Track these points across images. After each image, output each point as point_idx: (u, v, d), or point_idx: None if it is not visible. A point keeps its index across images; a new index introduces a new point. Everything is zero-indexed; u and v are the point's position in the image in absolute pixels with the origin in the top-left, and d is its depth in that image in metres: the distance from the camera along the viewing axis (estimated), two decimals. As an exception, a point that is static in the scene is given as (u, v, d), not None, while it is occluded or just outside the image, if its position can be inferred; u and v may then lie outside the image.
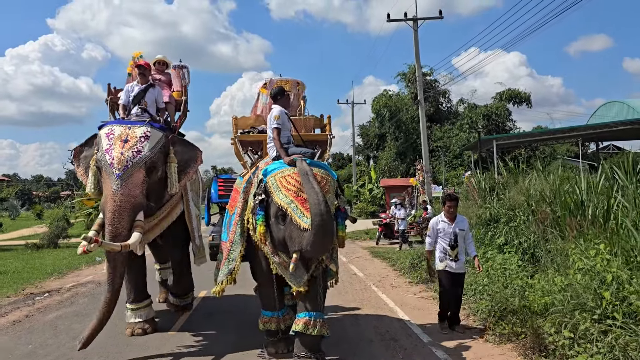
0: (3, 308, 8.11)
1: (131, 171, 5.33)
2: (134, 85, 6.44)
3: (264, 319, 5.24)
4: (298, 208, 4.43)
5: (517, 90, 39.87)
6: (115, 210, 5.16)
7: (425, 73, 37.95)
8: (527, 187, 9.96)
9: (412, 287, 8.86)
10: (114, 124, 5.76)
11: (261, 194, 4.70)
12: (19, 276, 11.50)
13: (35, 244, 18.00)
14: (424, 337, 5.71)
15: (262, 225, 4.63)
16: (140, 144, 5.49)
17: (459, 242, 5.80)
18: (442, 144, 37.20)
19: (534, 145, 34.23)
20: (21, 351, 5.67)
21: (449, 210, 5.88)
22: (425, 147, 19.44)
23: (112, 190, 5.22)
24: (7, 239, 21.64)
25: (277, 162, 4.95)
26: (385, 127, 39.06)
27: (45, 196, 69.06)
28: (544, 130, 34.63)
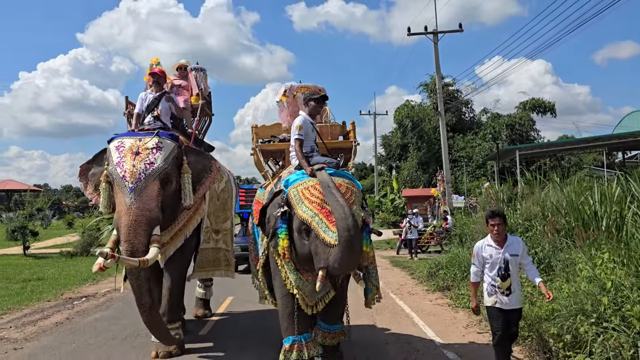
0: (45, 311, 8.72)
1: (145, 183, 5.10)
2: (148, 94, 6.29)
3: (285, 347, 4.71)
4: (323, 221, 4.11)
5: (541, 99, 39.72)
6: (131, 225, 4.90)
7: (447, 83, 38.19)
8: (543, 198, 10.19)
9: (428, 294, 9.19)
10: (124, 137, 5.55)
11: (283, 206, 4.39)
12: (56, 282, 12.20)
13: (69, 252, 18.85)
14: (437, 340, 6.06)
15: (285, 240, 4.35)
16: (152, 155, 5.27)
17: (512, 270, 4.45)
18: (465, 154, 37.21)
19: (559, 155, 34.02)
20: (65, 350, 6.20)
21: (495, 231, 4.50)
22: (446, 158, 19.69)
23: (126, 204, 4.97)
24: (42, 247, 22.56)
25: (299, 172, 4.65)
26: (407, 138, 39.30)
27: (74, 206, 70.84)
28: (568, 140, 34.44)
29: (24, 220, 19.47)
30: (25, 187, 60.12)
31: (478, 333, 6.32)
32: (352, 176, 4.88)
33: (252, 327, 7.25)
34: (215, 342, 6.48)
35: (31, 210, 21.64)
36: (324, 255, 4.05)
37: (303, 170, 4.64)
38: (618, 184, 9.31)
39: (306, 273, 4.55)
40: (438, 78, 20.34)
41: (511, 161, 31.14)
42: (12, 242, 21.84)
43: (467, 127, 40.14)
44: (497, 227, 4.47)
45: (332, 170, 4.52)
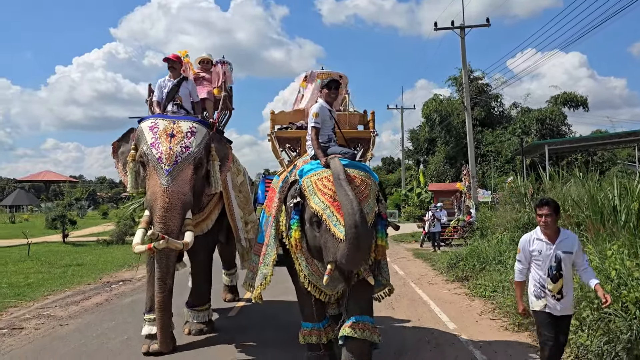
0: (86, 293, 9.37)
1: (181, 167, 5.11)
2: (167, 81, 6.12)
3: (304, 331, 4.86)
4: (334, 215, 4.01)
5: (573, 93, 38.98)
6: (168, 207, 4.94)
7: (477, 77, 37.90)
8: (564, 192, 10.33)
9: (447, 284, 9.49)
10: (157, 117, 5.51)
11: (296, 196, 4.33)
12: (95, 267, 12.93)
13: (105, 240, 19.75)
14: (451, 325, 6.39)
15: (297, 231, 4.30)
16: (187, 139, 5.27)
17: (564, 270, 3.88)
18: (494, 148, 36.90)
19: (591, 150, 33.40)
20: (107, 326, 6.77)
21: (542, 222, 3.94)
22: (472, 152, 19.78)
23: (163, 186, 4.99)
24: (80, 235, 23.58)
25: (315, 162, 4.53)
26: (435, 132, 39.21)
27: (108, 197, 72.96)
28: (599, 134, 33.78)
29: (63, 210, 20.45)
30: (63, 178, 62.56)
31: (491, 319, 6.61)
32: (368, 168, 4.71)
33: (278, 309, 7.67)
34: (242, 322, 6.98)
35: (70, 200, 22.66)
36: (332, 249, 3.96)
37: (318, 160, 4.50)
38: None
39: (317, 269, 4.46)
40: (465, 73, 20.38)
41: (541, 156, 30.78)
42: (51, 230, 22.99)
43: (497, 121, 39.71)
44: (546, 218, 3.89)
45: (347, 161, 4.36)
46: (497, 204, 15.58)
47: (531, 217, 10.47)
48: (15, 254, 15.82)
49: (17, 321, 7.11)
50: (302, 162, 4.85)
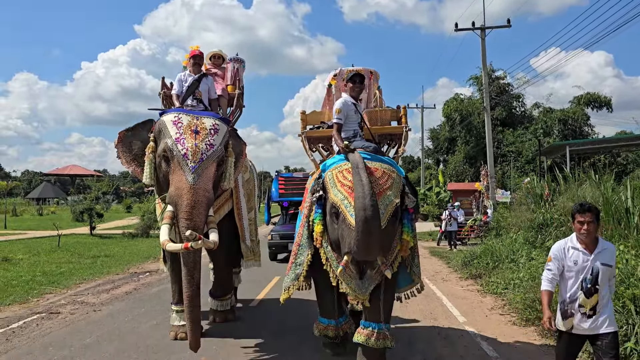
0: (115, 282, 9.88)
1: (206, 164, 5.12)
2: (187, 75, 6.20)
3: (320, 325, 4.93)
4: (351, 205, 3.98)
5: (596, 94, 38.53)
6: (194, 205, 4.93)
7: (498, 77, 37.76)
8: (578, 194, 10.48)
9: (461, 281, 9.75)
10: (180, 112, 5.47)
11: (319, 190, 4.36)
12: (122, 259, 13.51)
13: (130, 233, 20.42)
14: (460, 319, 6.68)
15: (319, 224, 4.29)
16: (211, 136, 5.27)
17: (601, 285, 3.46)
18: (514, 148, 36.73)
19: (614, 152, 32.98)
20: (137, 312, 7.23)
21: (583, 230, 3.50)
22: (491, 153, 19.89)
23: (189, 183, 4.97)
24: (105, 228, 24.33)
25: (337, 156, 4.56)
26: (455, 131, 39.17)
27: (131, 191, 74.26)
28: (622, 136, 33.34)
29: (91, 203, 21.18)
30: (88, 173, 64.11)
31: (500, 315, 6.88)
32: (393, 162, 4.64)
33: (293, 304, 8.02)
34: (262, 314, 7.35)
35: (97, 193, 23.41)
36: (348, 239, 3.93)
37: (341, 154, 4.49)
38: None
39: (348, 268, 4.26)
40: (485, 74, 20.49)
41: (562, 157, 30.56)
42: (78, 223, 23.77)
43: (518, 121, 39.46)
44: (588, 226, 3.46)
45: (368, 154, 4.36)
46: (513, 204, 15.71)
47: (546, 217, 10.63)
48: (46, 245, 16.53)
49: (53, 306, 7.62)
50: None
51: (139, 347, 5.48)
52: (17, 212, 36.91)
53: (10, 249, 15.21)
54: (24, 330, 6.22)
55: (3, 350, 5.39)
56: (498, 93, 37.16)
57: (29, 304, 7.88)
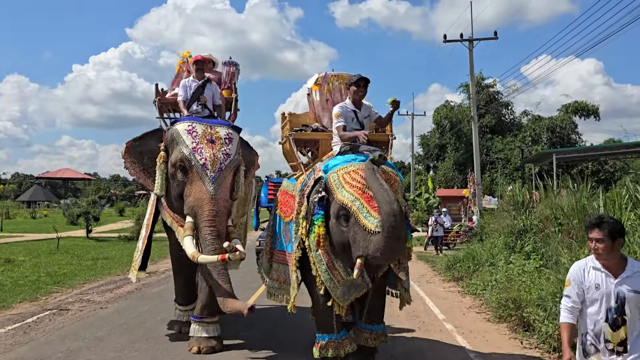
0: (117, 282, 10.40)
1: (224, 174, 5.15)
2: (191, 81, 6.14)
3: (319, 343, 4.56)
4: (364, 206, 3.89)
5: (584, 102, 39.36)
6: (217, 214, 4.96)
7: (488, 85, 38.62)
8: (556, 202, 11.13)
9: (444, 283, 10.38)
10: (193, 121, 5.42)
11: (321, 191, 4.21)
12: (120, 260, 13.98)
13: (126, 237, 20.88)
14: (440, 316, 7.29)
15: (321, 227, 4.13)
16: (226, 146, 5.27)
17: (630, 315, 2.94)
18: (503, 155, 37.49)
19: (602, 159, 33.70)
20: (142, 309, 7.76)
21: (595, 251, 3.03)
22: (477, 160, 20.58)
23: (210, 192, 4.98)
24: (100, 231, 24.73)
25: (340, 157, 4.46)
26: (445, 138, 39.91)
27: (121, 195, 74.41)
28: (608, 144, 34.16)
29: (88, 207, 21.61)
30: (80, 176, 64.19)
31: (477, 313, 7.50)
32: (392, 164, 4.67)
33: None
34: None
35: (94, 197, 23.84)
36: (363, 242, 3.82)
37: (345, 155, 4.44)
38: (627, 190, 10.21)
39: (338, 274, 4.31)
40: (472, 84, 21.19)
41: (550, 164, 31.33)
42: (72, 226, 24.15)
43: (507, 128, 40.26)
44: (597, 244, 2.97)
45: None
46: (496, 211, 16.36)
47: (526, 224, 11.27)
48: (45, 247, 16.94)
49: (62, 304, 8.14)
50: (326, 158, 4.89)
51: (147, 339, 6.02)
52: (10, 215, 37.16)
53: (11, 250, 15.62)
54: (38, 324, 6.74)
55: (23, 341, 5.91)
56: (487, 101, 37.97)
57: (39, 301, 8.38)
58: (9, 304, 8.04)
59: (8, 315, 7.32)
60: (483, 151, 36.63)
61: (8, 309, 7.75)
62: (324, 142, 5.38)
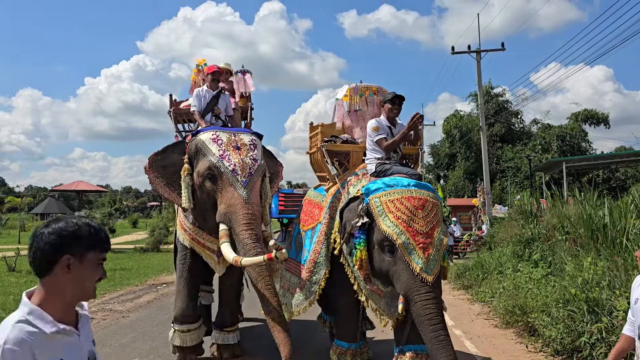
0: (136, 292, 10.77)
1: (254, 179, 5.08)
2: (205, 91, 6.06)
3: (338, 349, 4.78)
4: (410, 243, 3.84)
5: (594, 110, 39.43)
6: (252, 218, 4.85)
7: (497, 94, 38.86)
8: (563, 211, 11.34)
9: (453, 291, 10.63)
10: (216, 130, 5.38)
11: (362, 216, 4.13)
12: (138, 272, 14.39)
13: (142, 248, 21.33)
14: (449, 322, 7.50)
15: (363, 251, 4.11)
16: (252, 151, 5.23)
17: None
18: (513, 164, 37.57)
19: (613, 167, 33.63)
20: (162, 318, 8.09)
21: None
22: (487, 170, 20.80)
23: (243, 198, 4.88)
24: (116, 243, 25.24)
25: (379, 181, 4.35)
26: (455, 147, 40.10)
27: (134, 206, 75.11)
28: (617, 152, 34.14)
29: (104, 219, 22.15)
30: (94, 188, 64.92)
31: (485, 319, 7.76)
32: (433, 188, 4.49)
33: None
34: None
35: (110, 210, 24.38)
36: (407, 282, 3.80)
37: (385, 179, 4.37)
38: (633, 198, 10.42)
39: (376, 288, 4.39)
40: (480, 95, 21.48)
41: (560, 173, 31.39)
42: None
43: (517, 137, 40.38)
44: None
45: (414, 181, 4.28)
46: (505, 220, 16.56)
47: (534, 232, 11.49)
48: (64, 259, 17.37)
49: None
50: (355, 177, 4.91)
51: (170, 346, 6.33)
52: (25, 228, 37.85)
53: (31, 262, 16.08)
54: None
55: (53, 348, 6.27)
56: (497, 110, 38.17)
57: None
58: (35, 313, 8.41)
59: (36, 323, 7.69)
60: (493, 160, 36.79)
61: (35, 318, 8.12)
62: (355, 154, 5.32)
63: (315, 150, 5.61)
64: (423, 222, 3.93)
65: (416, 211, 3.96)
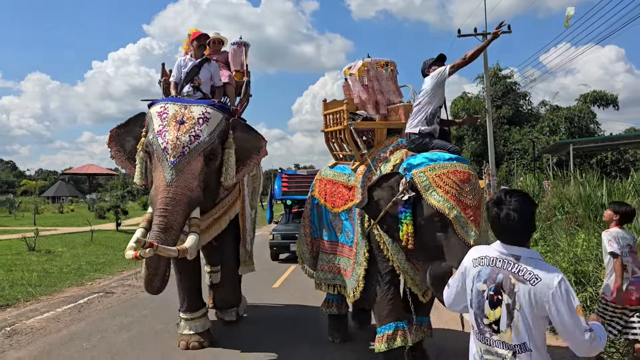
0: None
1: (188, 159, 4.56)
2: (187, 60, 5.61)
3: (385, 334, 4.56)
4: (462, 217, 3.81)
5: (602, 92, 39.26)
6: (169, 202, 4.36)
7: (505, 75, 38.78)
8: (564, 191, 11.68)
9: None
10: (168, 102, 4.96)
11: (408, 190, 4.03)
12: (152, 251, 14.89)
13: (154, 229, 21.87)
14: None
15: (410, 225, 4.02)
16: (198, 126, 4.70)
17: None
18: (521, 146, 37.64)
19: (622, 149, 33.58)
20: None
21: None
22: (492, 152, 21.05)
23: (166, 180, 4.45)
24: (128, 224, 25.83)
25: (419, 156, 4.24)
26: (462, 129, 40.17)
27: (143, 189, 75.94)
28: (625, 134, 34.16)
29: (117, 201, 22.70)
30: (105, 172, 65.81)
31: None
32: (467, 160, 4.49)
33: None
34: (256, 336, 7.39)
35: (123, 192, 24.95)
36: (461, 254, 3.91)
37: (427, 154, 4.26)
38: (632, 179, 10.73)
39: (416, 262, 4.45)
40: (486, 78, 21.64)
41: (567, 154, 31.49)
42: (101, 220, 25.32)
43: (525, 119, 40.36)
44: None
45: (455, 155, 4.26)
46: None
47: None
48: (79, 239, 17.96)
49: (107, 288, 9.02)
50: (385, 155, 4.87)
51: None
52: (39, 210, 38.64)
53: (49, 242, 16.66)
54: (90, 305, 7.60)
55: (80, 318, 6.77)
56: (505, 92, 38.14)
57: (85, 286, 9.27)
58: (59, 288, 8.95)
59: (61, 297, 8.21)
60: (500, 142, 36.91)
61: (60, 292, 8.66)
62: (379, 131, 5.21)
63: (337, 128, 5.37)
64: (471, 196, 3.93)
65: (463, 185, 3.94)
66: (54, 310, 7.27)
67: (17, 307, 7.53)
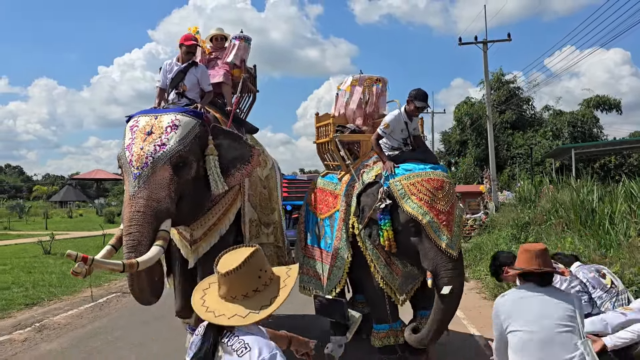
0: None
1: (152, 169, 4.22)
2: (173, 64, 5.23)
3: (380, 334, 4.86)
4: (434, 222, 4.11)
5: (605, 96, 39.51)
6: (132, 217, 4.08)
7: (508, 80, 39.18)
8: (557, 196, 12.16)
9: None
10: (141, 115, 4.63)
11: (385, 199, 4.34)
12: (163, 254, 15.48)
13: (163, 233, 22.46)
14: (445, 296, 8.47)
15: (389, 230, 4.32)
16: (165, 135, 4.35)
17: None
18: (524, 151, 37.94)
19: (625, 153, 33.71)
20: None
21: None
22: (492, 157, 21.53)
23: (130, 193, 4.18)
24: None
25: (400, 166, 4.52)
26: (466, 134, 40.57)
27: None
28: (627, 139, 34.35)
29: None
30: (112, 177, 66.73)
31: (476, 293, 8.68)
32: (445, 168, 4.78)
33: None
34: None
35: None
36: (434, 258, 4.12)
37: (403, 164, 4.50)
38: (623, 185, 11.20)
39: (396, 267, 4.70)
40: (487, 85, 22.13)
41: (570, 159, 31.79)
42: (110, 225, 25.94)
43: (528, 124, 40.62)
44: None
45: (429, 164, 4.48)
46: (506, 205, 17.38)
47: (530, 217, 12.31)
48: (92, 243, 18.58)
49: (123, 288, 9.58)
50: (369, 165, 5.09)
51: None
52: (48, 215, 39.36)
53: (63, 246, 17.26)
54: (109, 304, 8.18)
55: (102, 315, 7.36)
56: (508, 97, 38.52)
57: (103, 287, 9.88)
58: (79, 288, 9.54)
59: (81, 297, 8.81)
60: (504, 147, 37.27)
61: (79, 292, 9.25)
62: (364, 143, 5.49)
63: (325, 140, 5.60)
64: (444, 202, 4.19)
65: (436, 192, 4.20)
66: (76, 308, 7.86)
67: (42, 306, 8.13)
